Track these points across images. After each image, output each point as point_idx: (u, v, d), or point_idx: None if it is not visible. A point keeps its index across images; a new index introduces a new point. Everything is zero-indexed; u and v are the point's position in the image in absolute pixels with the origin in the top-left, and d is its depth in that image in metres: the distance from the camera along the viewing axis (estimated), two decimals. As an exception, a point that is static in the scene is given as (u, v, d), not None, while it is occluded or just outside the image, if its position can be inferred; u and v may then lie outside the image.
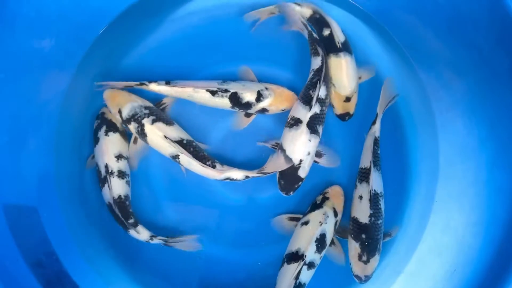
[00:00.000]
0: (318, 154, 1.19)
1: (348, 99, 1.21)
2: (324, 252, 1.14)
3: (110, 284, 1.18)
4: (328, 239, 1.14)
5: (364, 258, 1.11)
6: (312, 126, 1.13)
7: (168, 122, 1.17)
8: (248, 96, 1.18)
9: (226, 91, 1.17)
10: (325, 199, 1.19)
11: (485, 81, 1.11)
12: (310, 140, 1.13)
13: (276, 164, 1.14)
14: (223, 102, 1.18)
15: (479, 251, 1.07)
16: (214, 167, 1.14)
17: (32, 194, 1.10)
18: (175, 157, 1.14)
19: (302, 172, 1.15)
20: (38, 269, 1.00)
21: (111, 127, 1.20)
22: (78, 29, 1.19)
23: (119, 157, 1.19)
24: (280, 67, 1.28)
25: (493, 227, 1.06)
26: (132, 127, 1.16)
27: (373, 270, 1.12)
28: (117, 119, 1.20)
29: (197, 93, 1.17)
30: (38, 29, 1.10)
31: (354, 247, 1.13)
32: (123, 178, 1.18)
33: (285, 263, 1.13)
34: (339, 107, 1.22)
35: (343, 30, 1.23)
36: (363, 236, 1.11)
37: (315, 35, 1.19)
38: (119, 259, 1.21)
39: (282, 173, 1.17)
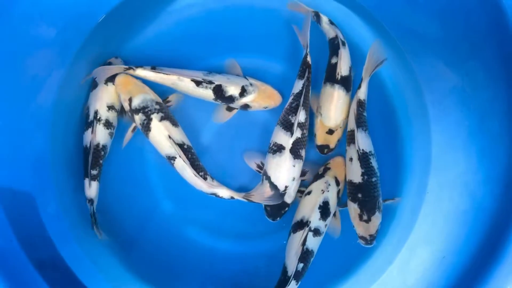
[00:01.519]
0: (302, 173, 1.20)
1: (331, 132, 1.20)
2: (328, 220, 1.15)
3: (104, 271, 1.18)
4: (332, 207, 1.16)
5: (365, 217, 1.12)
6: (295, 151, 1.14)
7: (174, 123, 1.17)
8: (232, 90, 1.19)
9: (210, 82, 1.17)
10: (326, 169, 1.21)
11: (476, 73, 1.11)
12: (294, 166, 1.14)
13: (263, 196, 1.15)
14: (207, 93, 1.19)
15: (467, 238, 1.08)
16: (205, 179, 1.15)
17: (27, 178, 1.11)
18: (171, 158, 1.15)
19: (288, 198, 1.17)
20: (32, 252, 1.01)
21: (113, 78, 1.20)
22: (75, 18, 1.19)
23: (111, 107, 1.20)
24: (276, 60, 1.29)
25: (480, 215, 1.07)
26: (138, 118, 1.16)
27: (376, 228, 1.12)
28: (124, 106, 1.19)
29: (181, 82, 1.17)
30: (36, 16, 1.11)
31: (353, 208, 1.14)
32: (108, 129, 1.19)
33: (291, 233, 1.14)
34: (320, 138, 1.22)
35: (337, 23, 1.24)
36: (359, 195, 1.12)
37: (309, 59, 1.18)
38: (114, 248, 1.22)
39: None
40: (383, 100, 1.27)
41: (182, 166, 1.13)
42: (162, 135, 1.14)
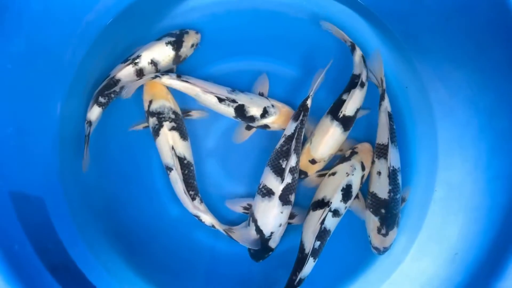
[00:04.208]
0: (291, 216, 1.18)
1: (313, 162, 1.20)
2: (349, 203, 1.15)
3: (114, 274, 1.18)
4: (354, 191, 1.16)
5: (383, 231, 1.13)
6: (284, 197, 1.12)
7: (183, 136, 1.18)
8: (254, 111, 1.19)
9: (234, 101, 1.17)
10: (353, 153, 1.20)
11: (483, 71, 1.12)
12: (282, 212, 1.13)
13: (245, 237, 1.14)
14: (228, 110, 1.19)
15: (480, 234, 1.07)
16: (194, 199, 1.15)
17: (38, 184, 1.11)
18: (169, 168, 1.15)
19: (273, 243, 1.16)
20: (44, 256, 1.01)
21: (176, 44, 1.22)
22: (80, 26, 1.20)
23: (153, 63, 1.21)
24: (282, 62, 1.29)
25: (493, 211, 1.07)
26: (152, 121, 1.18)
27: (391, 242, 1.14)
28: (144, 105, 1.21)
29: (205, 95, 1.17)
30: (43, 23, 1.11)
31: (373, 220, 1.14)
32: (137, 75, 1.21)
33: (311, 211, 1.14)
34: (302, 163, 1.20)
35: (342, 25, 1.25)
36: (383, 211, 1.13)
37: (307, 102, 1.15)
38: (123, 251, 1.22)
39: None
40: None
41: (175, 179, 1.14)
42: (166, 144, 1.15)
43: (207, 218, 1.16)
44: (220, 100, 1.17)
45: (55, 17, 1.13)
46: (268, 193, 1.12)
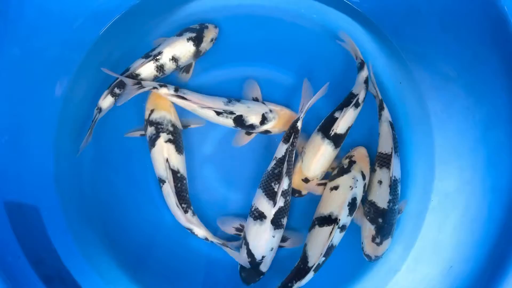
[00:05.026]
0: (283, 239, 1.17)
1: (306, 180, 1.19)
2: (353, 214, 1.14)
3: (110, 283, 1.18)
4: (358, 202, 1.14)
5: (378, 240, 1.12)
6: (276, 221, 1.11)
7: (179, 149, 1.18)
8: (253, 119, 1.19)
9: (231, 113, 1.17)
10: (352, 162, 1.18)
11: (480, 82, 1.12)
12: (274, 236, 1.12)
13: (237, 257, 1.14)
14: (227, 121, 1.19)
15: (475, 247, 1.07)
16: (186, 212, 1.15)
17: (33, 192, 1.11)
18: (161, 181, 1.15)
19: (264, 267, 1.15)
20: (39, 266, 1.01)
21: (197, 40, 1.22)
22: (77, 30, 1.20)
23: (174, 59, 1.21)
24: (279, 69, 1.29)
25: (488, 224, 1.07)
26: (149, 131, 1.17)
27: (384, 251, 1.13)
28: (145, 114, 1.21)
29: (202, 110, 1.17)
30: (39, 29, 1.11)
31: (369, 228, 1.14)
32: (157, 71, 1.21)
33: (317, 226, 1.12)
34: (295, 182, 1.18)
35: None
36: (380, 220, 1.12)
37: (298, 124, 1.14)
38: (119, 259, 1.21)
39: (243, 266, 1.15)
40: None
41: (168, 192, 1.14)
42: (161, 156, 1.15)
43: (200, 231, 1.15)
44: (218, 113, 1.17)
45: (50, 22, 1.13)
46: (260, 216, 1.12)
